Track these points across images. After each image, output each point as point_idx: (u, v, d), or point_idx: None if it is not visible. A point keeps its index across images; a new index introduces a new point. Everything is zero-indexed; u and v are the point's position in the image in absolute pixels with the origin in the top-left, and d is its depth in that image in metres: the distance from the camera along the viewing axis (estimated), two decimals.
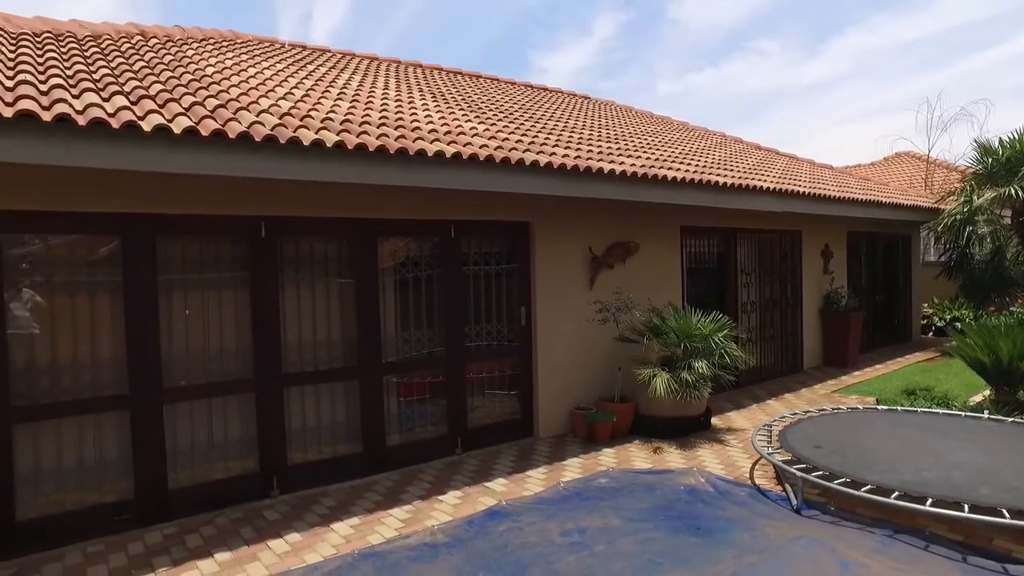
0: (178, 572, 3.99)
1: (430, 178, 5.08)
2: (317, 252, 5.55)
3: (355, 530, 4.55)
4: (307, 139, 4.49)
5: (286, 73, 6.96)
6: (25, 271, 4.42)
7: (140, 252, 4.66)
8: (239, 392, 5.08)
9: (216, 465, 5.03)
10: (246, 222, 5.05)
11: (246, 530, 4.58)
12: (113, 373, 4.62)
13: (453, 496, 5.16)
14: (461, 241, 6.30)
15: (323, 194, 5.28)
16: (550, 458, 6.10)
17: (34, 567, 4.08)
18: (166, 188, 4.64)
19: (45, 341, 4.45)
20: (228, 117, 4.45)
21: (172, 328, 4.83)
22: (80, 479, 4.55)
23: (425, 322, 6.13)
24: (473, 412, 6.41)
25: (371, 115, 5.71)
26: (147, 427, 4.67)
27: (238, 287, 5.11)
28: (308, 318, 5.47)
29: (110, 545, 4.37)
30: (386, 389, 5.82)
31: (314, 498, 5.15)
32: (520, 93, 10.40)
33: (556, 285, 6.91)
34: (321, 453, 5.50)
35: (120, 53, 5.86)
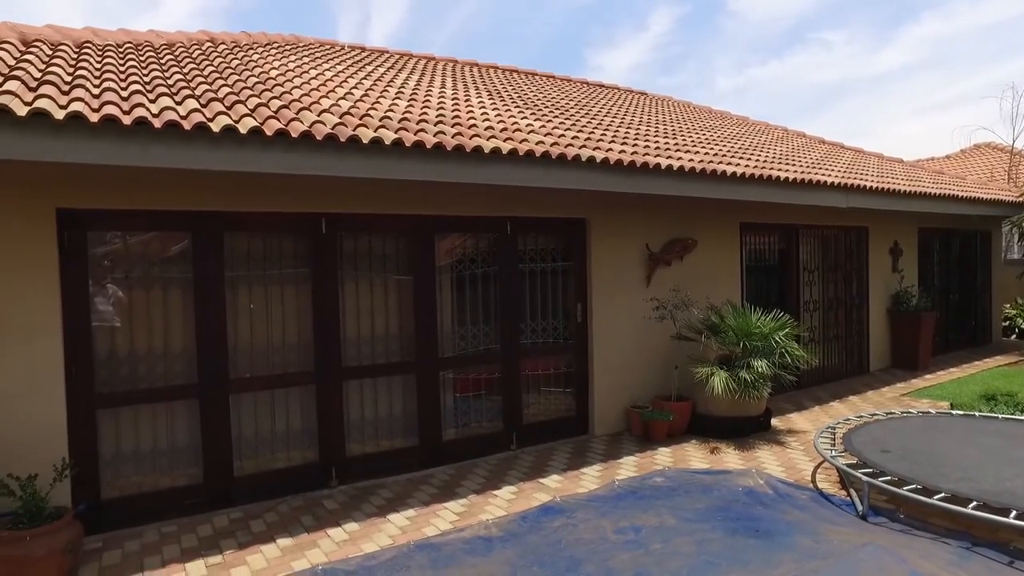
0: (243, 555, 4.15)
1: (486, 175, 5.12)
2: (376, 248, 5.67)
3: (411, 522, 4.63)
4: (366, 137, 4.58)
5: (346, 74, 7.12)
6: (107, 268, 4.68)
7: (209, 248, 4.87)
8: (300, 384, 5.25)
9: (278, 454, 5.21)
10: (308, 219, 5.21)
11: (306, 518, 4.72)
12: (184, 364, 4.85)
13: (507, 491, 5.19)
14: (517, 238, 6.33)
15: (381, 191, 5.39)
16: (605, 456, 6.06)
17: (117, 542, 4.34)
18: (233, 186, 4.83)
19: (124, 333, 4.70)
20: (291, 117, 4.59)
21: (238, 321, 5.03)
22: (155, 463, 4.79)
23: (481, 318, 6.19)
24: (528, 408, 6.44)
25: (428, 113, 5.80)
26: (214, 416, 4.88)
27: (300, 282, 5.28)
28: (367, 313, 5.60)
29: (181, 526, 4.59)
30: (442, 384, 5.90)
31: (371, 489, 5.27)
32: (576, 90, 10.35)
33: (612, 282, 6.85)
34: (378, 446, 5.62)
35: (192, 59, 6.12)
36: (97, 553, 4.20)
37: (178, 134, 3.97)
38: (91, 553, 4.18)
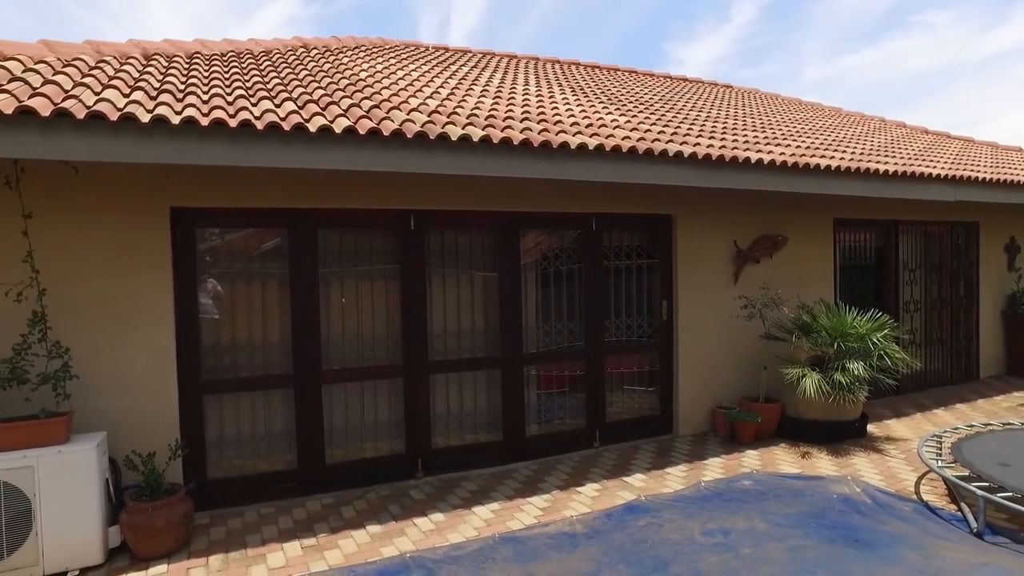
0: (335, 539, 4.32)
1: (573, 170, 5.10)
2: (462, 244, 5.76)
3: (495, 515, 4.68)
4: (455, 135, 4.66)
5: (431, 74, 7.27)
6: (209, 263, 4.97)
7: (304, 244, 5.08)
8: (389, 377, 5.40)
9: (366, 444, 5.39)
10: (397, 215, 5.36)
11: (394, 507, 4.86)
12: (281, 355, 5.08)
13: (591, 488, 5.16)
14: (602, 234, 6.28)
15: (468, 188, 5.47)
16: (690, 456, 5.93)
17: (222, 520, 4.62)
18: (326, 185, 5.02)
19: (225, 324, 4.98)
20: (382, 116, 4.73)
21: (330, 315, 5.23)
22: (254, 448, 5.05)
23: (565, 315, 6.18)
24: (611, 407, 6.38)
25: (514, 110, 5.83)
26: (308, 405, 5.09)
27: (389, 277, 5.43)
28: (453, 308, 5.70)
29: (278, 508, 4.82)
30: (526, 380, 5.93)
31: (456, 482, 5.36)
32: (659, 84, 10.16)
33: (699, 279, 6.69)
34: (463, 439, 5.72)
35: (287, 65, 6.41)
36: (205, 528, 4.47)
37: (278, 135, 4.16)
38: (200, 528, 4.45)
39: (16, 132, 3.55)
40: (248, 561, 4.01)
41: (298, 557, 4.06)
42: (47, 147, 3.63)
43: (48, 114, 3.60)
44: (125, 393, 4.46)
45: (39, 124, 3.59)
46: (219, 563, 3.99)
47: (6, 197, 4.09)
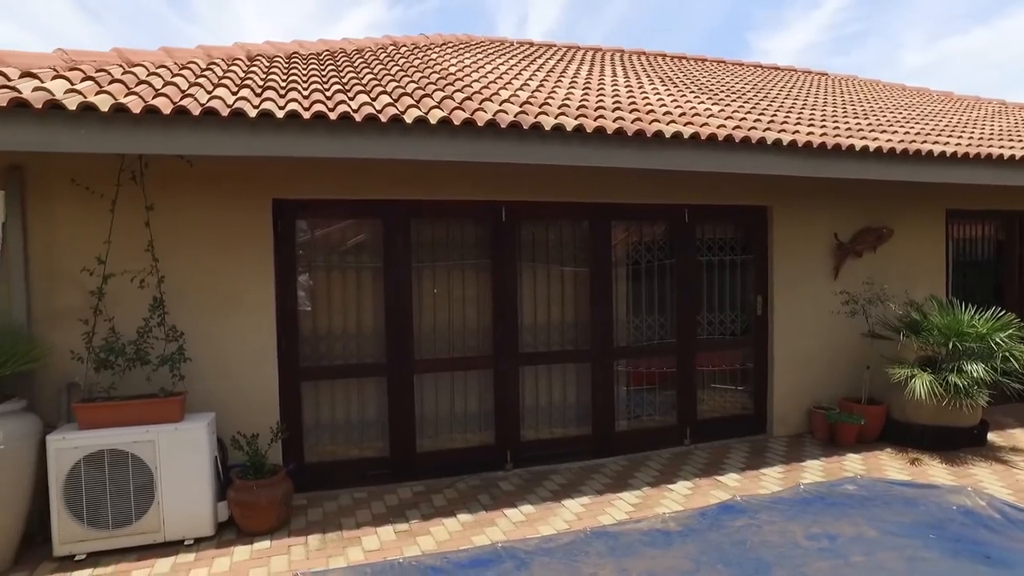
0: (427, 525, 4.38)
1: (667, 160, 4.96)
2: (552, 236, 5.73)
3: (585, 509, 4.62)
4: (548, 124, 4.62)
5: (518, 68, 7.27)
6: (306, 254, 5.13)
7: (397, 235, 5.18)
8: (479, 368, 5.44)
9: (456, 434, 5.44)
10: (488, 206, 5.38)
11: (483, 497, 4.88)
12: (374, 344, 5.21)
13: (683, 486, 5.02)
14: (695, 226, 6.10)
15: (559, 179, 5.43)
16: (786, 457, 5.67)
17: (318, 502, 4.78)
18: (419, 177, 5.10)
19: (322, 313, 5.14)
20: (474, 108, 4.75)
21: (422, 305, 5.31)
22: (348, 435, 5.20)
23: (656, 309, 6.05)
24: (702, 404, 6.19)
25: (604, 100, 5.75)
26: (400, 394, 5.19)
27: (480, 268, 5.47)
28: (543, 300, 5.68)
29: (371, 494, 4.94)
30: (615, 374, 5.84)
31: (544, 475, 5.34)
32: (749, 73, 9.78)
33: (796, 274, 6.39)
34: (552, 432, 5.69)
35: (379, 62, 6.56)
36: (303, 509, 4.63)
37: (375, 127, 4.25)
38: (298, 508, 4.62)
39: (142, 130, 3.79)
40: (344, 543, 4.12)
41: (392, 541, 4.14)
42: (168, 143, 3.85)
43: (169, 112, 3.82)
44: (230, 377, 4.68)
45: (161, 122, 3.82)
46: (317, 543, 4.12)
47: (132, 191, 4.37)
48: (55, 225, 4.36)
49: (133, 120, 3.78)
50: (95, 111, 3.71)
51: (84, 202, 4.34)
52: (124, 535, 3.97)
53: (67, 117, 3.69)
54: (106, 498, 3.93)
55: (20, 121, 3.60)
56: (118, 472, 3.94)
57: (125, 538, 3.97)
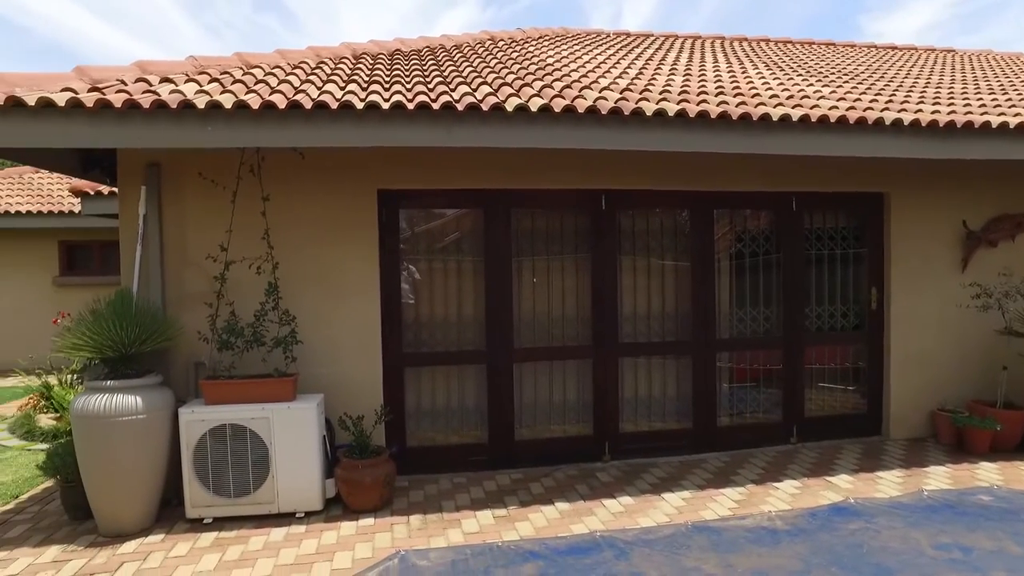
0: (525, 512, 4.40)
1: (774, 145, 4.74)
2: (653, 224, 5.62)
3: (686, 503, 4.50)
4: (649, 110, 4.53)
5: (616, 57, 7.17)
6: (409, 242, 5.28)
7: (497, 224, 5.24)
8: (578, 357, 5.42)
9: (554, 424, 5.44)
10: (588, 195, 5.35)
11: (581, 487, 4.85)
12: (474, 332, 5.29)
13: (790, 485, 4.78)
14: (803, 214, 5.81)
15: (659, 167, 5.32)
16: (905, 462, 5.28)
17: (419, 485, 4.92)
18: (519, 165, 5.14)
19: (423, 301, 5.28)
20: (574, 95, 4.72)
21: (521, 294, 5.35)
22: (447, 421, 5.32)
23: (761, 301, 5.80)
24: (810, 402, 5.88)
25: (707, 86, 5.56)
26: (500, 382, 5.25)
27: (579, 257, 5.45)
28: (643, 290, 5.59)
29: (470, 479, 5.02)
30: (717, 368, 5.66)
31: (643, 467, 5.24)
32: (863, 55, 9.18)
33: (917, 265, 5.94)
34: (651, 425, 5.59)
35: (477, 55, 6.66)
36: (405, 491, 4.78)
37: (477, 116, 4.31)
38: (400, 490, 4.77)
39: (260, 124, 4.03)
40: (444, 524, 4.21)
41: (490, 525, 4.19)
42: (283, 136, 4.07)
43: (284, 107, 4.04)
44: (338, 360, 4.89)
45: (277, 116, 4.05)
46: (418, 523, 4.23)
47: (250, 183, 4.66)
48: (185, 216, 4.73)
49: (253, 116, 4.03)
50: (220, 109, 3.99)
51: (209, 195, 4.67)
52: (244, 504, 4.24)
53: (197, 115, 3.99)
54: (228, 469, 4.21)
55: (160, 120, 3.94)
56: (238, 445, 4.22)
57: (244, 507, 4.25)
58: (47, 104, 3.89)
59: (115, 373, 4.12)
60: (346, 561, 3.71)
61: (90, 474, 4.05)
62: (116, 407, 3.97)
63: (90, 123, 3.93)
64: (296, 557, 3.77)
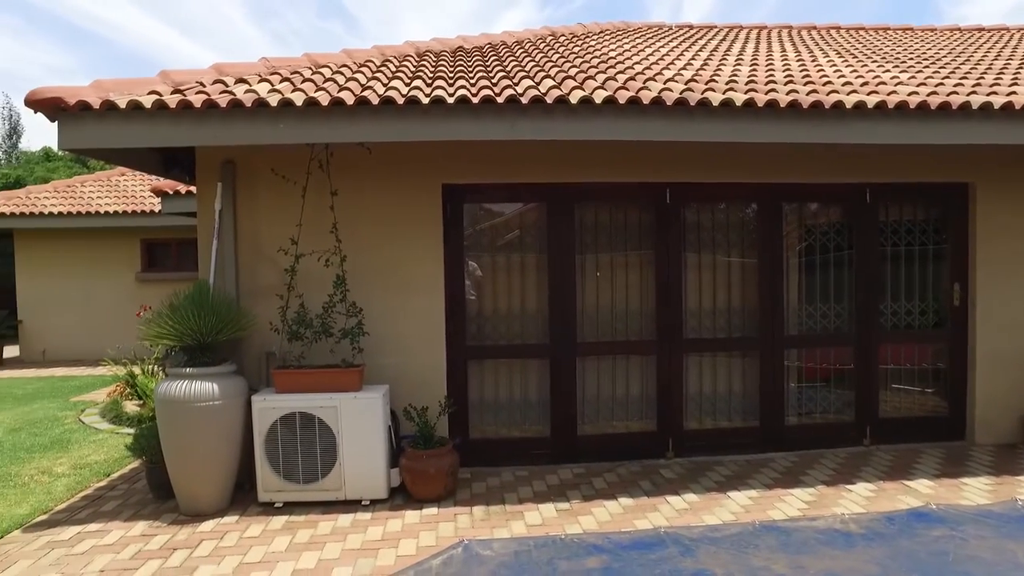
0: (588, 506, 4.37)
1: (847, 133, 4.56)
2: (718, 218, 5.51)
3: (753, 502, 4.38)
4: (716, 100, 4.43)
5: (679, 50, 7.04)
6: (469, 239, 5.32)
7: (560, 217, 5.23)
8: (641, 353, 5.35)
9: (617, 420, 5.39)
10: (652, 188, 5.28)
11: (644, 483, 4.79)
12: (537, 326, 5.30)
13: (864, 488, 4.59)
14: (877, 206, 5.56)
15: (725, 159, 5.20)
16: (994, 468, 4.99)
17: (481, 477, 4.96)
18: (582, 159, 5.11)
19: (486, 295, 5.32)
20: (639, 87, 4.66)
21: (584, 288, 5.32)
22: (510, 414, 5.35)
23: (832, 296, 5.59)
24: (885, 402, 5.62)
25: (775, 75, 5.40)
26: (563, 376, 5.23)
27: (643, 251, 5.38)
28: (708, 284, 5.48)
29: (531, 472, 5.03)
30: (786, 365, 5.48)
31: (707, 465, 5.13)
32: (945, 39, 8.71)
33: (1005, 258, 5.59)
34: (716, 423, 5.48)
35: (539, 50, 6.66)
36: (467, 482, 4.83)
37: (541, 108, 4.32)
38: (463, 481, 4.81)
39: (330, 120, 4.17)
40: (507, 516, 4.23)
41: (553, 518, 4.18)
42: (351, 131, 4.21)
43: (352, 103, 4.16)
44: (402, 352, 4.98)
45: (346, 112, 4.18)
46: (482, 513, 4.27)
47: (319, 178, 4.81)
48: (258, 211, 4.91)
49: (322, 112, 4.16)
50: (292, 106, 4.15)
51: (280, 190, 4.84)
52: (312, 490, 4.38)
53: (270, 113, 4.16)
54: (297, 455, 4.35)
55: (236, 118, 4.14)
56: (307, 433, 4.35)
57: (313, 493, 4.38)
58: (136, 107, 4.12)
59: (193, 361, 4.32)
60: (411, 548, 3.78)
61: (171, 455, 4.27)
62: (195, 393, 4.17)
63: (173, 123, 4.15)
64: (362, 543, 3.86)
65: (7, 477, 5.27)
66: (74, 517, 4.38)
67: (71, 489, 4.93)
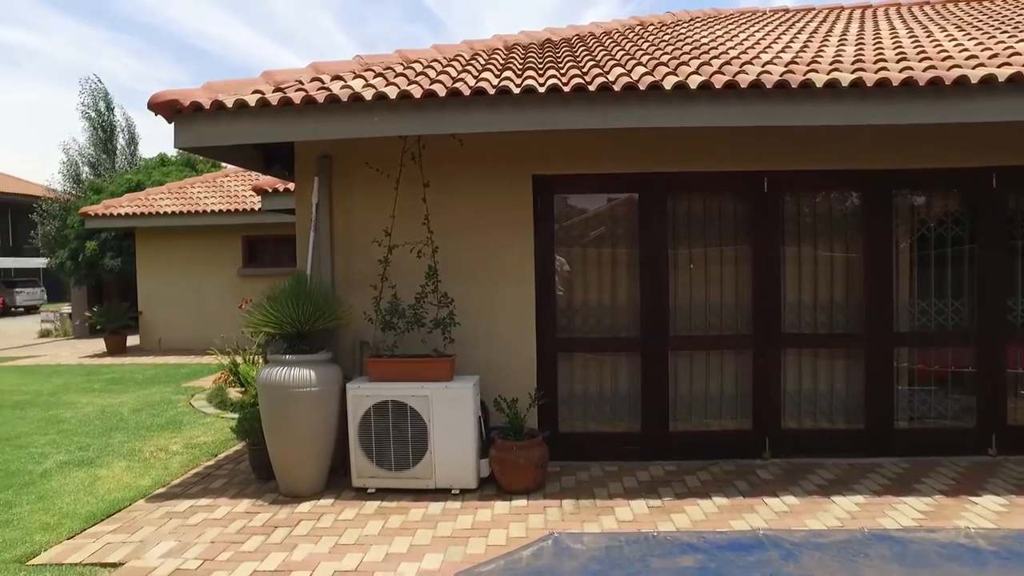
0: (681, 504, 4.23)
1: (973, 111, 4.17)
2: (820, 207, 5.22)
3: (860, 508, 4.11)
4: (819, 81, 4.18)
5: (776, 33, 6.71)
6: (560, 230, 5.27)
7: (653, 208, 5.10)
8: (736, 348, 5.14)
9: (710, 417, 5.21)
10: (748, 177, 5.05)
11: (740, 483, 4.59)
12: (628, 318, 5.19)
13: (992, 501, 4.20)
14: (1007, 193, 5.08)
15: (830, 144, 4.92)
16: None
17: (571, 471, 4.90)
18: (673, 148, 4.97)
19: (576, 287, 5.25)
20: (735, 71, 4.46)
21: (677, 280, 5.16)
22: (599, 408, 5.26)
23: (949, 291, 5.16)
24: (1014, 410, 5.12)
25: (884, 53, 5.03)
26: (654, 370, 5.10)
27: (739, 243, 5.17)
28: (809, 277, 5.19)
29: (621, 468, 4.93)
30: (895, 365, 5.11)
31: (807, 467, 4.86)
32: None
33: None
34: (816, 423, 5.18)
35: (627, 39, 6.51)
36: (556, 475, 4.78)
37: (634, 96, 4.22)
38: (551, 474, 4.77)
39: (422, 112, 4.24)
40: (597, 511, 4.16)
41: (644, 515, 4.08)
42: (443, 122, 4.26)
43: (444, 95, 4.21)
44: (493, 343, 5.00)
45: (438, 104, 4.24)
46: (571, 507, 4.22)
47: (412, 171, 4.90)
48: (352, 204, 5.07)
49: (415, 105, 4.24)
50: (385, 100, 4.25)
51: (374, 183, 4.96)
52: (403, 478, 4.46)
53: (364, 107, 4.27)
54: (389, 443, 4.45)
55: (332, 113, 4.29)
56: (399, 421, 4.43)
57: (404, 480, 4.46)
58: (241, 105, 4.34)
59: (292, 349, 4.50)
60: (500, 538, 3.78)
61: (272, 438, 4.47)
62: (293, 379, 4.34)
63: (274, 119, 4.34)
64: (453, 531, 3.90)
65: (133, 452, 5.75)
66: (187, 491, 4.68)
67: (184, 466, 5.28)
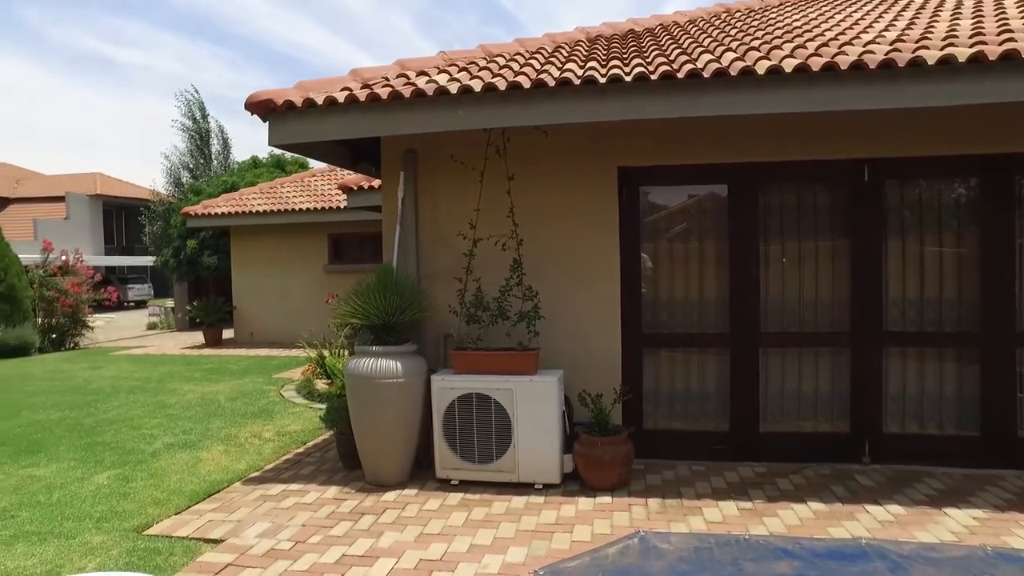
0: (773, 507, 4.05)
1: None
2: (928, 197, 4.86)
3: (979, 523, 3.79)
4: (931, 59, 3.88)
5: (876, 13, 6.30)
6: (645, 223, 5.13)
7: (743, 200, 4.90)
8: (832, 345, 4.87)
9: (804, 418, 4.95)
10: (847, 165, 4.76)
11: (837, 488, 4.35)
12: (716, 314, 5.01)
13: None
14: None
15: (939, 127, 4.58)
16: None
17: (656, 469, 4.79)
18: (765, 136, 4.76)
19: (663, 281, 5.12)
20: (834, 52, 4.22)
21: (769, 275, 4.93)
22: (686, 405, 5.11)
23: None
24: None
25: (1010, 23, 4.62)
26: (744, 368, 4.90)
27: (836, 235, 4.90)
28: (913, 271, 4.84)
29: (708, 468, 4.77)
30: (1018, 369, 4.69)
31: (913, 475, 4.54)
32: None
33: None
34: (922, 428, 4.84)
35: (714, 26, 6.28)
36: (641, 473, 4.68)
37: (724, 82, 4.05)
38: (636, 472, 4.67)
39: (507, 104, 4.24)
40: (684, 511, 4.03)
41: (735, 517, 3.92)
42: (529, 114, 4.24)
43: (528, 86, 4.18)
44: (577, 337, 4.94)
45: (523, 95, 4.23)
46: (657, 506, 4.11)
47: (496, 164, 4.91)
48: (437, 198, 5.13)
49: (499, 97, 4.23)
50: (470, 92, 4.26)
51: (458, 176, 5.00)
52: (486, 470, 4.47)
53: (449, 101, 4.31)
54: (473, 435, 4.47)
55: (418, 107, 4.35)
56: (483, 414, 4.44)
57: (487, 473, 4.47)
58: (331, 103, 4.46)
59: (378, 340, 4.59)
60: (585, 535, 3.72)
61: (358, 427, 4.58)
62: (380, 369, 4.43)
63: (362, 115, 4.44)
64: (536, 525, 3.87)
65: (230, 437, 6.06)
66: (279, 476, 4.87)
67: (276, 452, 5.51)
